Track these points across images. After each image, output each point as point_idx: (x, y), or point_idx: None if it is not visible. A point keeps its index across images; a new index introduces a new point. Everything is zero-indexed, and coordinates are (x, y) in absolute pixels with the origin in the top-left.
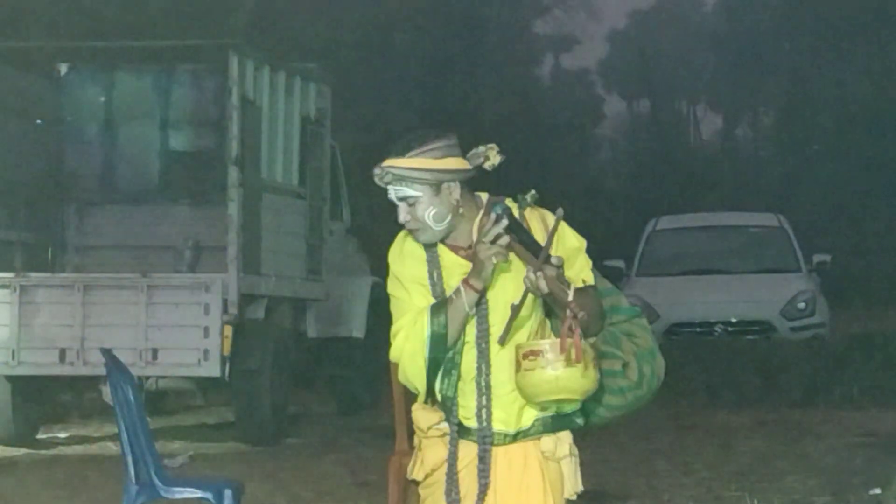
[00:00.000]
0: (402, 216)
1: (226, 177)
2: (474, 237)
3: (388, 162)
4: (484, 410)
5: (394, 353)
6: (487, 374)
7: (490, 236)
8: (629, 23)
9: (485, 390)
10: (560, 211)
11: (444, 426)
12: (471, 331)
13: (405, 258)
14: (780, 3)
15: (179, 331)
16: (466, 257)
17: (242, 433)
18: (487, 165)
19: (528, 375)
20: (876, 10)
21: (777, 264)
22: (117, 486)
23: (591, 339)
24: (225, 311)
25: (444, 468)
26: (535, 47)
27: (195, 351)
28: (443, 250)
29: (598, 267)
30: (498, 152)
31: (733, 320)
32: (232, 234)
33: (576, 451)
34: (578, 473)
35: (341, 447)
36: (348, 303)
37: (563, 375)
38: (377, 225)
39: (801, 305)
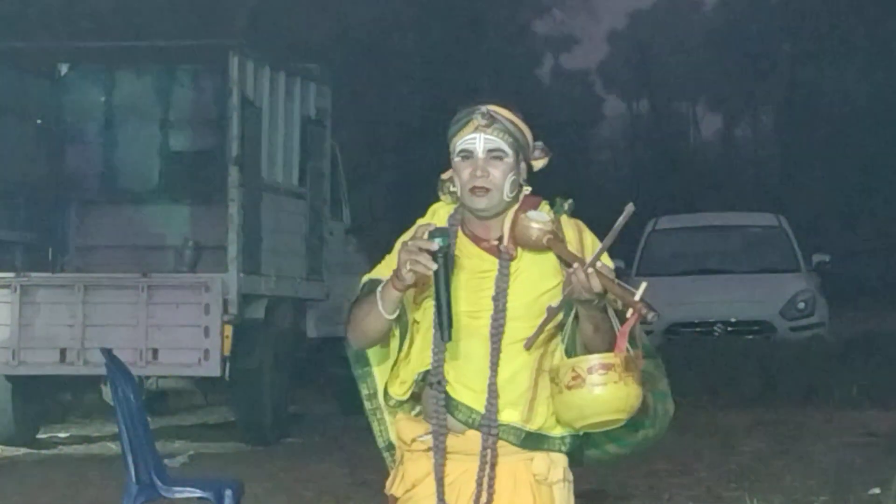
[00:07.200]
0: (478, 171)
1: (226, 177)
2: (504, 231)
3: (494, 106)
4: (492, 407)
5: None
6: (495, 374)
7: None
8: (629, 23)
9: (494, 390)
10: (630, 206)
11: (429, 439)
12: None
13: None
14: (780, 2)
15: (179, 331)
16: (488, 250)
17: (242, 433)
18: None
19: (595, 391)
20: (876, 9)
21: (776, 264)
22: (117, 486)
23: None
24: (225, 311)
25: (425, 484)
26: (535, 47)
27: (195, 351)
28: (462, 239)
29: None
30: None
31: (733, 320)
32: (232, 234)
33: (570, 476)
34: (572, 501)
35: (341, 447)
36: (348, 303)
37: (634, 393)
38: (377, 225)
39: (801, 305)
